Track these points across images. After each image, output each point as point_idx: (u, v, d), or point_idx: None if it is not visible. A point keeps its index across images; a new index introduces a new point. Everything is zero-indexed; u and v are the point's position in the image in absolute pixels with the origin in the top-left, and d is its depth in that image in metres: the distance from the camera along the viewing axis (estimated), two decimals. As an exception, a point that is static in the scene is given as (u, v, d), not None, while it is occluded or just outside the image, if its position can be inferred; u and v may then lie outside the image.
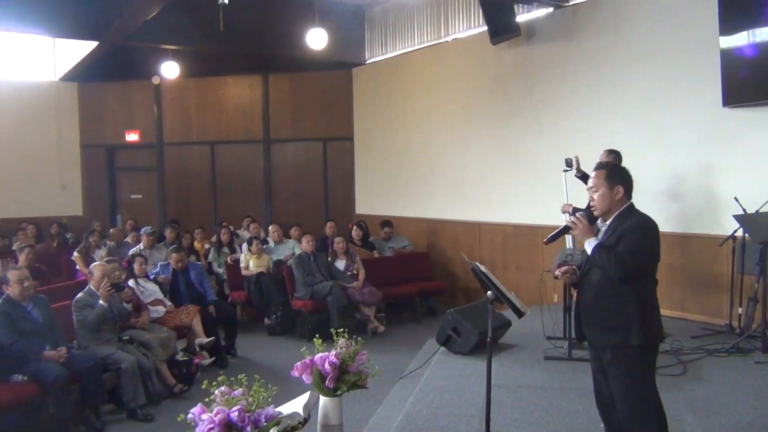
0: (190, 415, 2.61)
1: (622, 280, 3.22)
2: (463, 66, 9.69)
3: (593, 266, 3.37)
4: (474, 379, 5.06)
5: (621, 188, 3.35)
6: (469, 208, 9.65)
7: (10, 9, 9.02)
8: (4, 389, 5.12)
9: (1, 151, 12.26)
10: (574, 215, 3.46)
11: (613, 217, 3.38)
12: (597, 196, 3.40)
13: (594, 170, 3.49)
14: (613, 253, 3.22)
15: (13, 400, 5.05)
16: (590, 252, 3.33)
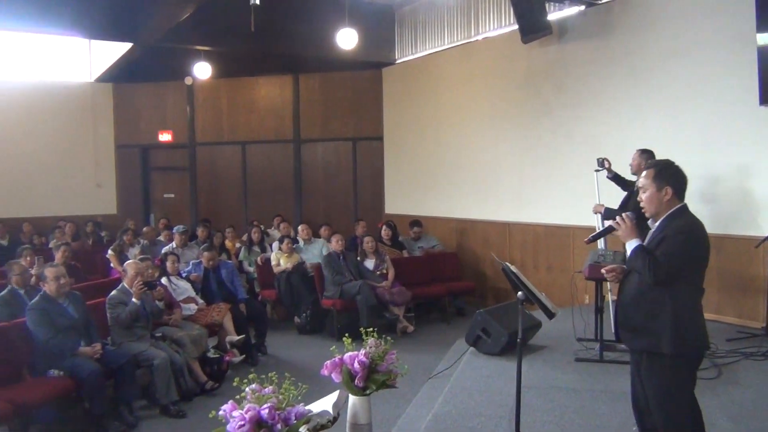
0: (222, 412, 2.64)
1: (655, 284, 3.13)
2: (493, 65, 9.64)
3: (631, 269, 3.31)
4: (503, 380, 5.03)
5: (670, 189, 3.23)
6: (500, 208, 9.59)
7: (47, 12, 9.22)
8: (41, 384, 5.24)
9: (40, 151, 12.54)
10: (620, 214, 3.35)
11: (662, 219, 3.26)
12: (645, 197, 3.30)
13: (645, 169, 3.38)
14: (649, 257, 3.13)
15: (49, 394, 5.16)
16: (629, 253, 3.25)
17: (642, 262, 3.15)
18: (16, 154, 12.34)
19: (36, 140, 12.51)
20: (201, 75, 11.33)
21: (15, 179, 12.31)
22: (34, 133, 12.49)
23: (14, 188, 12.29)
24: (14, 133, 12.33)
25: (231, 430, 2.56)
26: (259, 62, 12.36)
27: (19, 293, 6.17)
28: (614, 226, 3.37)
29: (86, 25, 9.69)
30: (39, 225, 11.56)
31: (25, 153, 12.42)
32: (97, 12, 9.52)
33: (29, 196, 12.39)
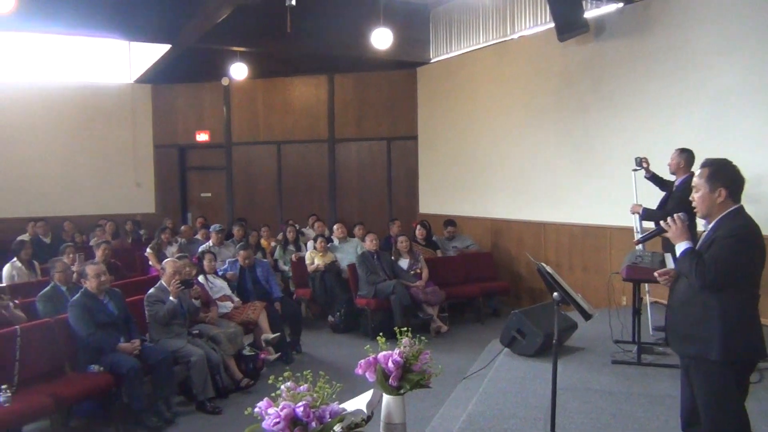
0: (257, 409, 2.66)
1: (702, 288, 3.04)
2: (529, 64, 9.55)
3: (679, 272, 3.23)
4: (539, 382, 4.98)
5: (724, 191, 3.12)
6: (535, 207, 9.51)
7: (88, 15, 9.42)
8: (81, 379, 5.36)
9: (81, 151, 12.84)
10: (672, 216, 3.25)
11: (715, 221, 3.16)
12: (697, 197, 3.20)
13: (700, 167, 3.28)
14: (697, 260, 3.03)
15: (90, 389, 5.28)
16: (678, 256, 3.16)
17: (689, 266, 3.06)
18: (59, 154, 12.67)
19: (78, 141, 12.82)
20: (237, 76, 11.46)
21: (57, 178, 12.63)
22: (76, 133, 12.80)
23: (57, 187, 12.61)
24: (57, 134, 12.65)
25: (266, 427, 2.58)
26: (294, 63, 12.46)
27: (62, 290, 6.32)
28: (664, 227, 3.28)
29: (126, 27, 9.88)
30: (80, 223, 11.82)
31: (67, 153, 12.74)
32: (136, 15, 9.70)
33: (71, 195, 12.69)
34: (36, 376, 5.20)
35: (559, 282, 3.79)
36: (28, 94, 12.41)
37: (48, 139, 12.56)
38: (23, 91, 12.38)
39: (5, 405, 4.62)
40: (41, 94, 12.51)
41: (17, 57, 12.50)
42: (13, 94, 12.28)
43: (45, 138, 12.54)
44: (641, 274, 5.33)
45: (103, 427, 5.49)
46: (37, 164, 12.47)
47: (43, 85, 12.57)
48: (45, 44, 12.55)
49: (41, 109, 12.51)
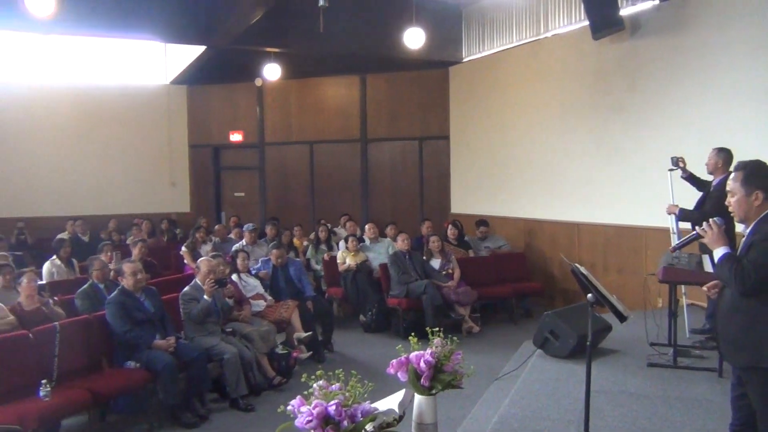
0: (290, 407, 2.68)
1: (743, 294, 2.94)
2: (563, 62, 9.46)
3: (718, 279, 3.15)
4: (572, 384, 4.93)
5: (761, 194, 3.01)
6: (568, 207, 9.41)
7: (125, 17, 9.60)
8: (118, 374, 5.47)
9: (118, 151, 13.09)
10: (708, 220, 3.15)
11: (752, 225, 3.06)
12: (733, 201, 3.10)
13: (734, 170, 3.19)
14: (736, 266, 2.94)
15: (126, 384, 5.38)
16: (716, 261, 3.06)
17: (728, 272, 2.96)
18: (97, 154, 12.94)
19: (115, 141, 13.08)
20: (270, 76, 11.55)
21: (95, 178, 12.90)
22: (114, 134, 13.06)
23: (95, 187, 12.88)
24: (96, 135, 12.92)
25: (299, 425, 2.60)
26: (326, 63, 12.52)
27: (99, 287, 6.45)
28: (700, 233, 3.20)
29: (162, 29, 10.04)
30: (118, 222, 12.05)
31: (105, 153, 13.01)
32: (172, 17, 9.85)
33: (109, 194, 12.94)
34: (74, 372, 5.31)
35: (593, 283, 3.75)
36: (68, 96, 12.70)
37: (87, 140, 12.84)
38: (63, 93, 12.68)
39: (45, 399, 4.73)
40: (81, 97, 12.79)
41: (58, 60, 12.78)
42: (53, 96, 12.59)
43: (84, 139, 12.82)
44: (678, 275, 5.24)
45: (139, 423, 5.59)
46: (76, 164, 12.76)
47: (83, 87, 12.85)
48: (84, 47, 12.82)
49: (80, 111, 12.80)
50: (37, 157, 12.50)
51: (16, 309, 5.76)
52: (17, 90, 12.36)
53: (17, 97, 12.34)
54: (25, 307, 5.80)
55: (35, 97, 12.46)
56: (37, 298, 5.86)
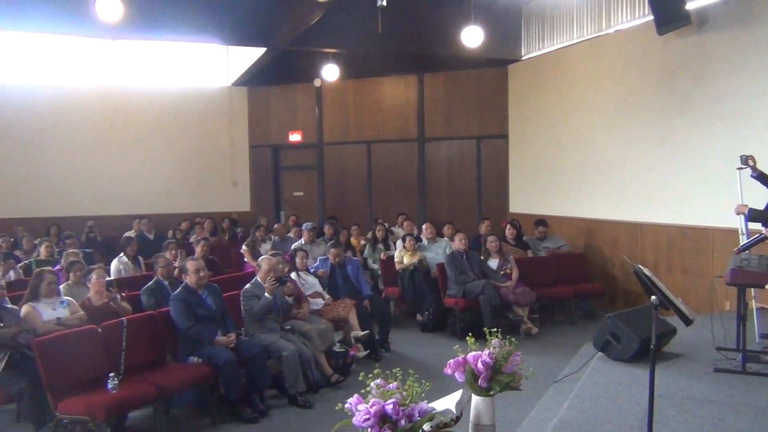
0: (347, 405, 2.71)
1: None
2: (626, 59, 9.23)
3: None
4: (634, 388, 4.81)
5: None
6: (631, 207, 9.18)
7: (189, 21, 9.86)
8: (182, 369, 5.61)
9: (182, 153, 13.47)
10: None
11: None
12: None
13: None
14: None
15: (189, 379, 5.52)
16: None
17: None
18: (161, 155, 13.34)
19: (179, 142, 13.46)
20: (329, 77, 11.66)
21: (159, 178, 13.30)
22: (177, 135, 13.45)
23: (159, 186, 13.28)
24: (160, 137, 13.33)
25: (356, 423, 2.63)
26: (384, 62, 12.56)
27: (164, 284, 6.64)
28: (766, 234, 3.08)
29: (224, 32, 10.28)
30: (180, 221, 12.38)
31: (169, 154, 13.40)
32: (233, 20, 10.07)
33: (172, 193, 13.32)
34: (140, 366, 5.48)
35: (657, 285, 3.65)
36: (135, 99, 13.16)
37: (152, 141, 13.27)
38: (130, 96, 13.14)
39: (113, 392, 4.90)
40: (146, 100, 13.23)
41: (125, 64, 13.23)
42: (121, 99, 13.06)
43: (149, 141, 13.25)
44: (747, 278, 5.04)
45: (201, 417, 5.72)
46: (142, 165, 13.19)
47: (148, 90, 13.29)
48: (149, 51, 13.23)
49: (146, 114, 13.24)
50: (106, 158, 12.99)
51: (85, 304, 6.01)
52: (88, 94, 12.88)
53: (89, 101, 12.86)
54: (94, 303, 6.04)
55: (104, 101, 12.96)
56: (105, 294, 6.09)
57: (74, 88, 12.81)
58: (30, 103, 12.47)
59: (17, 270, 8.04)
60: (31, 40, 12.46)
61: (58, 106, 12.67)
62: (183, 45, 12.87)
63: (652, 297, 3.62)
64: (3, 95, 12.35)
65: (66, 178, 12.73)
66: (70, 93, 12.77)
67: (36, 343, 4.95)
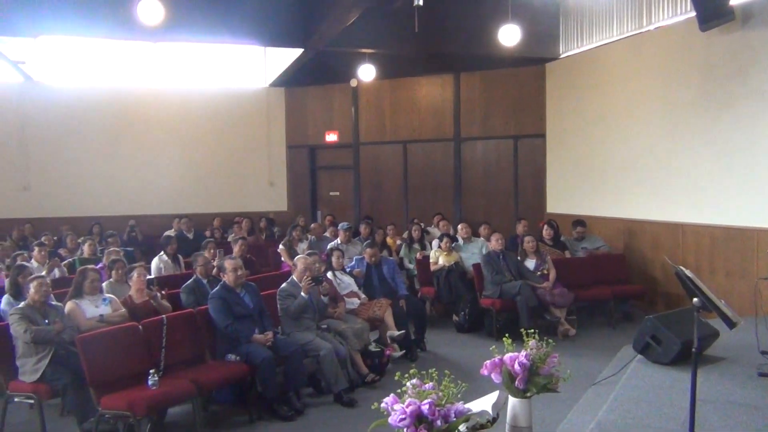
0: (383, 404, 2.71)
1: None
2: (667, 56, 9.05)
3: None
4: (675, 392, 4.72)
5: None
6: (672, 207, 9.00)
7: (228, 23, 9.99)
8: (220, 367, 5.70)
9: (222, 153, 13.67)
10: None
11: None
12: None
13: None
14: None
15: (227, 376, 5.60)
16: None
17: None
18: (201, 155, 13.56)
19: (217, 142, 13.66)
20: (365, 77, 11.68)
21: (198, 178, 13.51)
22: (216, 136, 13.65)
23: (198, 186, 13.50)
24: (199, 137, 13.55)
25: (392, 423, 2.63)
26: (420, 62, 12.54)
27: (203, 282, 6.74)
28: None
29: (262, 33, 10.39)
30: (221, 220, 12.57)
31: (207, 154, 13.60)
32: (271, 21, 10.17)
33: (211, 193, 13.52)
34: (180, 363, 5.58)
35: (699, 287, 3.58)
36: (174, 100, 13.41)
37: (191, 142, 13.48)
38: (170, 97, 13.40)
39: (153, 388, 4.99)
40: (186, 101, 13.47)
41: (164, 65, 13.47)
42: (161, 101, 13.32)
43: (188, 141, 13.47)
44: (794, 280, 4.91)
45: (239, 414, 5.79)
46: (181, 165, 13.42)
47: (187, 91, 13.53)
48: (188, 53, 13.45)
49: (185, 115, 13.47)
50: (147, 159, 13.24)
51: (127, 302, 6.13)
52: (129, 96, 13.16)
53: (131, 103, 13.14)
54: (135, 300, 6.16)
55: (145, 103, 13.23)
56: (146, 292, 6.20)
57: (115, 90, 13.09)
58: (75, 105, 12.79)
59: (62, 268, 8.25)
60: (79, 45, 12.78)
61: (102, 108, 12.96)
62: (222, 47, 13.04)
63: (694, 299, 3.55)
64: (48, 98, 12.70)
65: (108, 178, 13.01)
66: (113, 95, 13.06)
67: (79, 339, 5.07)
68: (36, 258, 8.15)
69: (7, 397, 5.41)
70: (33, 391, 5.22)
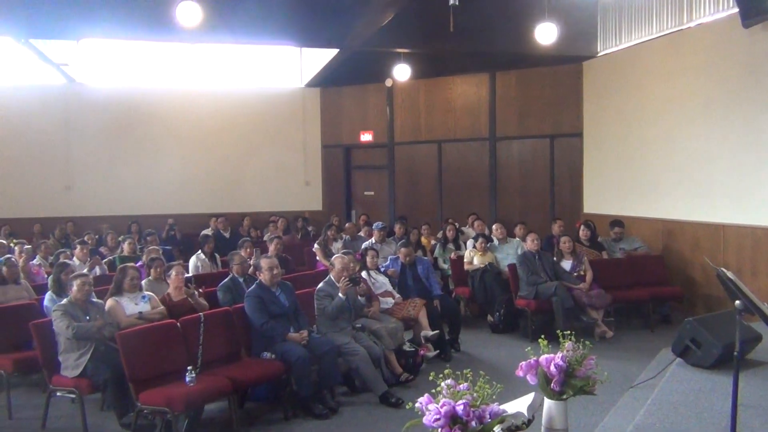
0: (418, 404, 2.71)
1: None
2: (708, 54, 8.86)
3: None
4: (715, 397, 4.62)
5: None
6: (713, 208, 8.81)
7: (263, 24, 10.08)
8: (256, 364, 5.75)
9: (258, 153, 13.81)
10: None
11: None
12: None
13: None
14: None
15: (263, 374, 5.66)
16: None
17: None
18: (237, 155, 13.71)
19: (254, 143, 13.80)
20: (400, 77, 11.68)
21: (235, 177, 13.68)
22: (252, 136, 13.80)
23: (234, 185, 13.66)
24: (236, 137, 13.71)
25: (426, 423, 2.62)
26: (456, 62, 12.49)
27: (239, 281, 6.83)
28: None
29: (298, 34, 10.47)
30: (255, 219, 12.73)
31: (244, 154, 13.77)
32: (307, 22, 10.23)
33: (247, 192, 13.67)
34: (216, 360, 5.65)
35: (741, 289, 3.49)
36: (212, 101, 13.60)
37: (227, 142, 13.65)
38: (207, 98, 13.58)
39: (191, 384, 5.07)
40: (222, 101, 13.66)
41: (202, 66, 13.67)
42: (198, 101, 13.52)
43: (225, 141, 13.65)
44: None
45: (274, 412, 5.84)
46: (219, 165, 13.60)
47: (224, 92, 13.72)
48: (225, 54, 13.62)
49: (223, 115, 13.65)
50: (185, 159, 13.45)
51: (165, 299, 6.24)
52: (168, 97, 13.39)
53: (169, 103, 13.37)
54: (173, 298, 6.27)
55: (183, 103, 13.45)
56: (184, 290, 6.30)
57: (154, 91, 13.34)
58: (115, 107, 13.07)
59: (102, 266, 8.43)
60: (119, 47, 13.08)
61: (141, 109, 13.23)
62: (258, 48, 13.19)
63: (736, 301, 3.47)
64: (90, 99, 13.00)
65: (147, 178, 13.26)
66: (152, 96, 13.31)
67: (119, 336, 5.18)
68: (78, 256, 8.35)
69: (50, 391, 5.55)
70: (74, 385, 5.34)
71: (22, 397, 6.24)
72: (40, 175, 12.85)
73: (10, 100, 12.66)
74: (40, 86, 12.93)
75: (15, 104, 12.68)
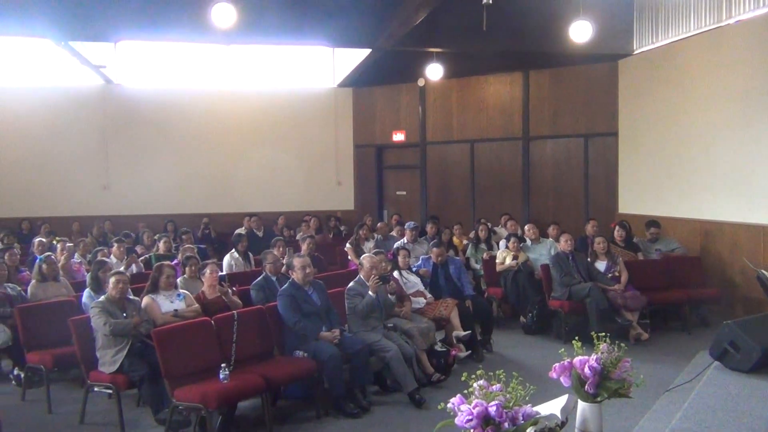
0: (450, 405, 2.70)
1: None
2: (748, 51, 8.67)
3: None
4: (754, 401, 4.51)
5: None
6: (753, 209, 8.62)
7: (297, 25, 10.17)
8: (288, 363, 5.80)
9: (291, 153, 13.93)
10: None
11: None
12: None
13: None
14: None
15: (295, 372, 5.69)
16: None
17: None
18: (271, 155, 13.84)
19: (287, 142, 13.93)
20: (433, 76, 11.66)
21: (268, 177, 13.80)
22: (285, 136, 13.92)
23: (268, 185, 13.80)
24: (269, 137, 13.85)
25: (459, 424, 2.61)
26: (488, 61, 12.42)
27: (272, 280, 6.88)
28: None
29: (331, 34, 10.52)
30: (288, 219, 12.83)
31: (277, 154, 13.89)
32: (340, 22, 10.28)
33: (281, 192, 13.79)
34: (250, 358, 5.70)
35: (782, 292, 3.41)
36: (245, 101, 13.77)
37: (260, 142, 13.80)
38: (241, 98, 13.76)
39: (224, 382, 5.13)
40: (256, 101, 13.82)
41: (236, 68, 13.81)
42: (233, 101, 13.71)
43: (258, 141, 13.80)
44: None
45: (307, 410, 5.88)
46: (252, 164, 13.74)
47: (258, 92, 13.88)
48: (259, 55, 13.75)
49: (255, 115, 13.81)
50: (219, 159, 13.63)
51: (200, 297, 6.32)
52: (202, 97, 13.58)
53: (203, 104, 13.55)
54: (207, 296, 6.35)
55: (217, 104, 13.64)
56: (218, 288, 6.38)
57: (190, 93, 13.55)
58: (151, 108, 13.30)
59: (139, 264, 8.57)
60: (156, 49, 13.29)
61: (177, 110, 13.44)
62: (291, 48, 13.29)
63: (777, 305, 3.39)
64: (127, 100, 13.25)
65: (182, 178, 13.47)
66: (187, 97, 13.51)
67: (155, 333, 5.26)
68: (115, 254, 8.51)
69: (88, 386, 5.66)
70: (111, 381, 5.45)
71: (61, 392, 6.37)
72: (79, 174, 13.14)
73: (49, 101, 12.97)
74: (79, 88, 13.21)
75: (54, 105, 13.00)
